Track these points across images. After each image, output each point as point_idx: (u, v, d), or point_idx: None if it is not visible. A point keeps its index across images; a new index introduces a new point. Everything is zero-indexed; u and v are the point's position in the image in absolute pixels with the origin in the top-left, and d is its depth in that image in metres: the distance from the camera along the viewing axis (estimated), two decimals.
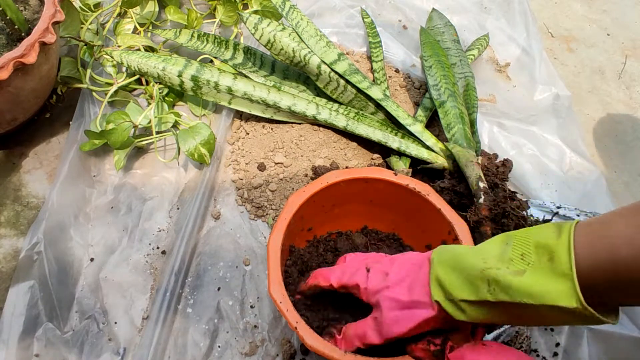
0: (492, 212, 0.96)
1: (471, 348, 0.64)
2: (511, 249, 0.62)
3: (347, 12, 1.51)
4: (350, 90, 1.19)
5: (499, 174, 1.12)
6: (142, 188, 1.16)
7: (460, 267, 0.66)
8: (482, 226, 0.95)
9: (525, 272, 0.59)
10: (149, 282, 1.04)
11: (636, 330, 1.00)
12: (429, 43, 1.31)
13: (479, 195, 0.98)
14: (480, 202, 0.97)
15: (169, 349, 0.96)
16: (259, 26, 1.15)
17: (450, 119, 1.16)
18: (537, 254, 0.59)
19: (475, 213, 0.96)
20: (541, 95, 1.37)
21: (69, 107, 1.26)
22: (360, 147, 1.22)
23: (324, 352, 0.75)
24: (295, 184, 1.15)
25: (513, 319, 0.64)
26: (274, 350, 0.97)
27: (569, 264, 0.56)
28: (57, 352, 0.94)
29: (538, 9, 1.67)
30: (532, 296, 0.58)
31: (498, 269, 0.62)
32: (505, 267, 0.61)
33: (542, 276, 0.58)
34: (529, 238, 0.61)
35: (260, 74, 1.27)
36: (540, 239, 0.60)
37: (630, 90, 1.48)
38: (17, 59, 0.97)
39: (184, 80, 1.17)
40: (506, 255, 0.62)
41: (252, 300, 1.02)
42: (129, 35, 1.29)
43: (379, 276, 0.77)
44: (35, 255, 1.00)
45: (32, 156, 1.19)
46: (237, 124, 1.25)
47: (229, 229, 1.11)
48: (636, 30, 1.65)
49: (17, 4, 1.12)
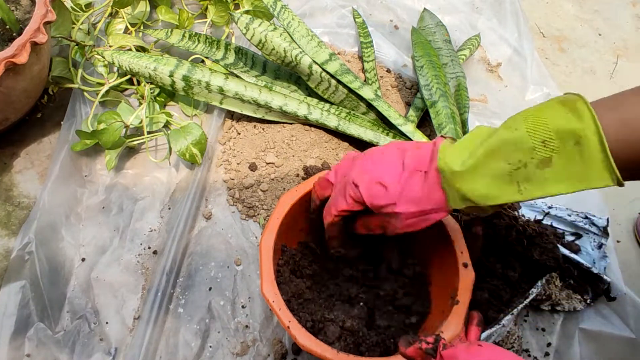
0: None
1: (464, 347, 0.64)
2: (529, 136, 0.62)
3: (338, 12, 1.51)
4: (342, 90, 1.19)
5: None
6: (134, 188, 1.15)
7: (481, 173, 0.66)
8: (473, 226, 0.95)
9: (551, 160, 0.61)
10: (140, 282, 1.04)
11: (627, 330, 1.01)
12: (421, 43, 1.31)
13: None
14: None
15: (161, 349, 0.96)
16: (251, 26, 1.15)
17: (441, 119, 1.16)
18: (560, 140, 0.60)
19: (466, 213, 0.97)
20: (533, 95, 1.38)
21: (60, 107, 1.25)
22: (352, 147, 1.22)
23: (316, 352, 0.75)
24: (286, 184, 1.15)
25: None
26: (265, 350, 0.97)
27: (601, 147, 0.57)
28: (48, 352, 0.94)
29: (529, 9, 1.68)
30: (566, 184, 0.60)
31: (525, 166, 0.62)
32: (530, 158, 0.62)
33: (573, 162, 0.59)
34: (547, 123, 0.61)
35: (252, 74, 1.27)
36: (560, 124, 0.60)
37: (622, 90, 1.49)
38: (8, 59, 0.97)
39: (175, 80, 1.17)
40: (526, 144, 0.62)
41: (244, 300, 1.02)
42: (121, 35, 1.29)
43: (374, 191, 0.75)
44: (27, 255, 1.00)
45: (24, 156, 1.19)
46: (229, 124, 1.25)
47: (221, 229, 1.11)
48: (628, 30, 1.66)
49: (9, 4, 1.12)
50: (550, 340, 1.01)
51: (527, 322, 1.03)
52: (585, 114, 0.58)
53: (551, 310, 1.04)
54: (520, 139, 0.62)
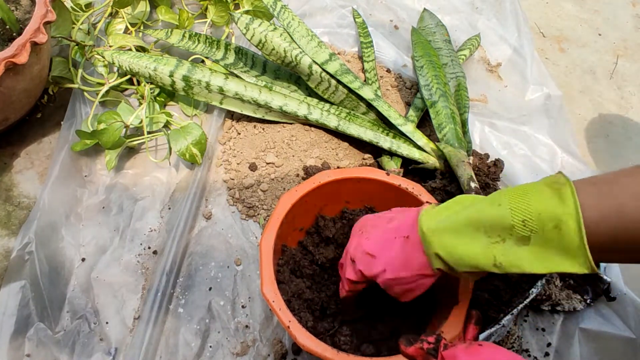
0: None
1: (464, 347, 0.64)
2: (510, 214, 0.62)
3: (338, 12, 1.51)
4: (342, 90, 1.19)
5: (491, 174, 1.12)
6: (134, 188, 1.15)
7: (458, 234, 0.67)
8: None
9: (530, 240, 0.61)
10: (140, 282, 1.04)
11: (627, 330, 1.00)
12: (421, 43, 1.31)
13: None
14: None
15: (160, 349, 0.96)
16: (251, 26, 1.15)
17: (441, 119, 1.16)
18: (539, 221, 0.60)
19: None
20: (532, 95, 1.38)
21: (60, 107, 1.25)
22: (352, 147, 1.22)
23: (316, 352, 0.75)
24: (286, 184, 1.15)
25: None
26: (265, 350, 0.97)
27: (579, 234, 0.57)
28: (48, 352, 0.94)
29: (529, 9, 1.68)
30: (541, 266, 0.61)
31: (503, 241, 0.63)
32: (508, 235, 0.63)
33: (550, 245, 0.60)
34: (529, 204, 0.62)
35: (252, 74, 1.27)
36: (542, 206, 0.60)
37: (622, 91, 1.49)
38: (8, 59, 0.97)
39: (175, 80, 1.17)
40: (506, 220, 0.62)
41: (244, 300, 1.02)
42: (121, 35, 1.29)
43: (365, 262, 0.79)
44: (27, 255, 1.00)
45: (24, 156, 1.19)
46: (229, 124, 1.25)
47: (221, 229, 1.11)
48: (627, 30, 1.66)
49: (9, 4, 1.12)
50: (550, 340, 1.01)
51: (527, 322, 1.03)
52: (568, 200, 0.59)
53: (551, 310, 1.03)
54: (501, 215, 0.63)
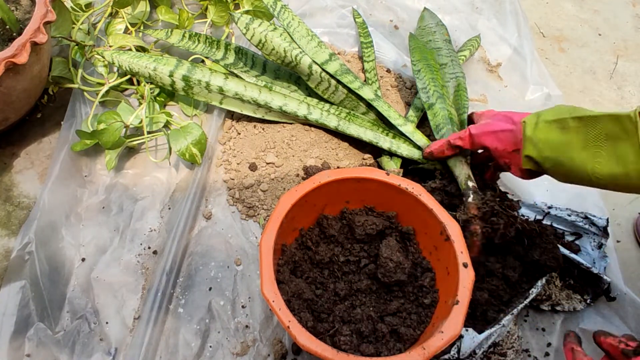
0: (480, 210, 0.96)
1: None
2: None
3: (338, 12, 1.51)
4: (342, 90, 1.19)
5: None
6: (134, 188, 1.15)
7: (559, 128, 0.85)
8: (471, 225, 0.95)
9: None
10: (140, 282, 1.04)
11: (627, 330, 1.01)
12: (418, 48, 1.30)
13: (468, 195, 0.98)
14: (470, 201, 0.97)
15: (160, 349, 0.96)
16: (251, 26, 1.15)
17: (439, 120, 1.16)
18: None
19: (464, 212, 0.97)
20: (533, 95, 1.38)
21: (60, 107, 1.25)
22: (352, 147, 1.22)
23: (316, 352, 0.75)
24: (286, 184, 1.15)
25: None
26: (265, 350, 0.97)
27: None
28: (48, 352, 0.94)
29: (529, 9, 1.68)
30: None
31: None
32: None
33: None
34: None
35: (252, 74, 1.27)
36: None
37: (622, 90, 1.49)
38: (8, 59, 0.97)
39: (175, 80, 1.17)
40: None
41: (244, 300, 1.02)
42: (121, 35, 1.29)
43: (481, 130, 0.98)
44: (27, 255, 1.00)
45: (24, 156, 1.19)
46: (229, 124, 1.25)
47: (221, 229, 1.11)
48: (627, 30, 1.66)
49: (9, 4, 1.12)
50: (550, 340, 1.01)
51: (527, 322, 1.03)
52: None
53: (551, 310, 1.04)
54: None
